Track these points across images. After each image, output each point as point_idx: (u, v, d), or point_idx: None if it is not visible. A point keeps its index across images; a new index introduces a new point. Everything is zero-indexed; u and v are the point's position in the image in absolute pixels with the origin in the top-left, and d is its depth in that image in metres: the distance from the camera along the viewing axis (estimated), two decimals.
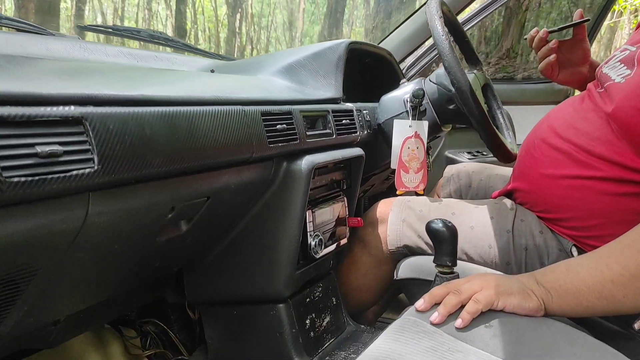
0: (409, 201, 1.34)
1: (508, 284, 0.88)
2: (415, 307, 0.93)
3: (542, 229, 1.20)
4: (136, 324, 1.30)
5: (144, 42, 1.33)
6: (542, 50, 1.34)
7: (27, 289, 0.65)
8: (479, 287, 0.87)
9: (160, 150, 0.71)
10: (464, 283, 0.90)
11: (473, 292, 0.86)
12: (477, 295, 0.86)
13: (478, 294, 0.86)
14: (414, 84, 1.43)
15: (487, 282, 0.88)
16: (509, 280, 0.89)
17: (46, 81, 0.62)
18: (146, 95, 0.71)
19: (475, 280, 0.89)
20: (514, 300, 0.86)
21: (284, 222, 1.06)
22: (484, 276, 0.91)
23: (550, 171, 1.17)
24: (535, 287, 0.88)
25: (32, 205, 0.56)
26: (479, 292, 0.86)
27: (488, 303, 0.85)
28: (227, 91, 0.92)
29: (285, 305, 1.12)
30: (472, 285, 0.88)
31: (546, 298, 0.87)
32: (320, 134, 1.14)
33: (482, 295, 0.86)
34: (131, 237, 0.77)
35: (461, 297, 0.87)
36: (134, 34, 1.29)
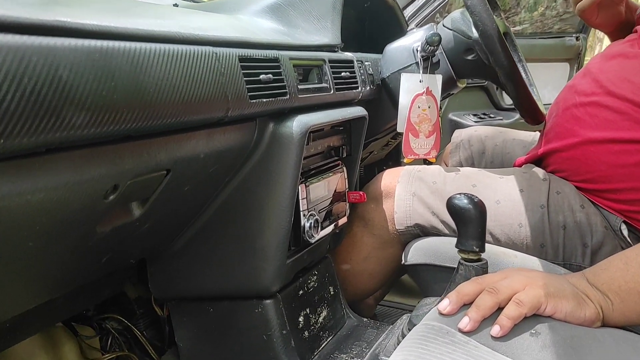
0: (420, 171, 1.12)
1: (557, 284, 0.68)
2: (438, 309, 0.73)
3: (583, 202, 1.00)
4: (94, 320, 1.08)
5: None
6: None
7: None
8: (521, 284, 0.67)
9: (85, 102, 0.47)
10: (500, 279, 0.69)
11: (514, 291, 0.66)
12: (520, 296, 0.65)
13: (521, 293, 0.66)
14: (424, 30, 1.19)
15: (531, 280, 0.67)
16: (557, 280, 0.69)
17: None
18: (62, 20, 0.47)
19: (516, 276, 0.69)
20: (566, 306, 0.66)
21: (271, 200, 0.84)
22: (525, 271, 0.71)
23: (597, 134, 0.96)
24: (590, 290, 0.68)
25: None
26: (522, 291, 0.66)
27: (534, 306, 0.65)
28: (192, 25, 0.68)
29: (273, 300, 0.91)
30: (512, 282, 0.67)
31: (605, 304, 0.67)
32: (316, 89, 0.91)
33: (526, 295, 0.65)
34: (53, 230, 0.54)
35: (499, 296, 0.66)
36: None
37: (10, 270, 0.56)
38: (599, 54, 1.10)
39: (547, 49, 2.32)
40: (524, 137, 1.41)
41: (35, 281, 0.66)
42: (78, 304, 0.92)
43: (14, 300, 0.66)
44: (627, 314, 0.67)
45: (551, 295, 0.65)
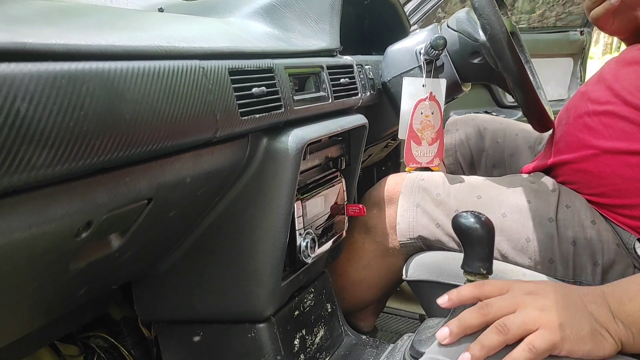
0: (423, 180, 1.06)
1: (575, 321, 0.61)
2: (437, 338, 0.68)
3: (594, 217, 0.94)
4: (78, 339, 1.02)
5: None
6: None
7: None
8: (535, 324, 0.60)
9: (48, 137, 0.41)
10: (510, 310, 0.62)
11: (526, 332, 0.60)
12: (533, 340, 0.59)
13: (535, 337, 0.59)
14: (428, 31, 1.13)
15: (546, 316, 0.61)
16: (575, 314, 0.62)
17: None
18: (20, 42, 0.41)
19: (530, 311, 0.61)
20: (583, 348, 0.60)
21: (265, 220, 0.78)
22: (540, 301, 0.63)
23: (612, 145, 0.90)
24: (612, 324, 0.62)
25: None
26: (536, 333, 0.60)
27: (547, 351, 0.59)
28: (175, 36, 0.61)
29: (267, 324, 0.85)
30: (526, 320, 0.61)
31: (625, 338, 0.62)
32: (313, 99, 0.84)
33: (541, 340, 0.59)
34: (19, 272, 0.48)
35: (507, 337, 0.60)
36: None
37: None
38: (613, 59, 1.03)
39: (551, 43, 2.26)
40: (527, 132, 1.34)
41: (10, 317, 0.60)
42: (59, 330, 0.86)
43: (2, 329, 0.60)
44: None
45: (567, 339, 0.60)
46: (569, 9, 2.33)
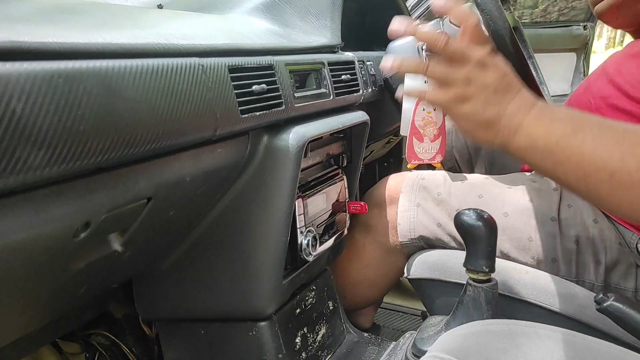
0: (423, 179, 1.06)
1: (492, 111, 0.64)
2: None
3: (596, 217, 0.94)
4: (79, 337, 1.02)
5: None
6: None
7: None
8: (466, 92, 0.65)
9: (45, 138, 0.41)
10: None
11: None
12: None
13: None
14: (430, 27, 1.12)
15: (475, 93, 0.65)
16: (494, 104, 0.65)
17: None
18: (16, 41, 0.41)
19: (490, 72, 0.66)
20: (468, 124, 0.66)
21: (266, 218, 0.78)
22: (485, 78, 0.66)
23: None
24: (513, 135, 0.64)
25: None
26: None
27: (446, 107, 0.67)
28: (175, 34, 0.61)
29: (268, 323, 0.85)
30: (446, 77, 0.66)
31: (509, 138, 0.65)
32: (314, 95, 0.84)
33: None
34: (16, 273, 0.48)
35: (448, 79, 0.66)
36: None
37: None
38: (617, 53, 1.02)
39: (554, 38, 2.24)
40: None
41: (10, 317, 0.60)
42: (60, 328, 0.86)
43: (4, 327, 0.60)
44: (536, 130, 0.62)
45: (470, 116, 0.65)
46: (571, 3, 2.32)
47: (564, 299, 0.91)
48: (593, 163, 0.58)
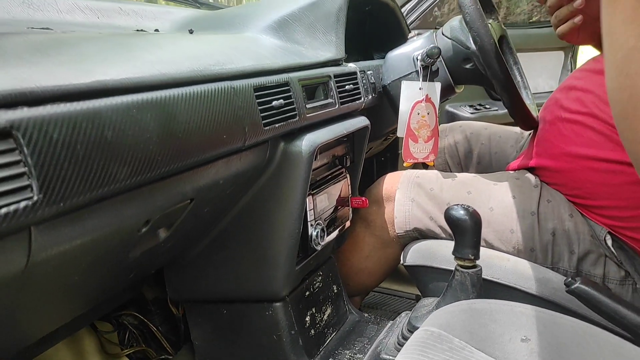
0: (418, 177, 1.18)
1: None
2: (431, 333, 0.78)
3: (572, 212, 1.06)
4: (112, 316, 1.15)
5: None
6: (561, 11, 1.09)
7: None
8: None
9: (126, 156, 0.53)
10: None
11: None
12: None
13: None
14: (424, 39, 1.24)
15: None
16: None
17: None
18: (103, 81, 0.53)
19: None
20: None
21: (281, 213, 0.90)
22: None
23: (582, 151, 1.02)
24: None
25: None
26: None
27: None
28: (210, 61, 0.72)
29: (282, 304, 0.98)
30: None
31: None
32: (322, 106, 0.96)
33: None
34: (94, 264, 0.60)
35: None
36: None
37: (56, 298, 0.62)
38: (582, 69, 1.13)
39: (542, 38, 2.36)
40: (509, 133, 1.46)
41: (74, 301, 0.72)
42: (101, 310, 0.99)
43: (56, 317, 0.72)
44: None
45: None
46: None
47: (539, 283, 1.04)
48: None
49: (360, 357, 1.03)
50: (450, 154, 1.50)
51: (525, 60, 2.34)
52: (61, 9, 0.86)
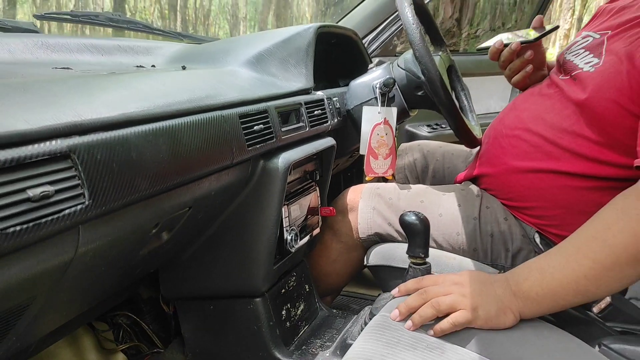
0: (378, 188, 1.36)
1: (487, 305, 0.84)
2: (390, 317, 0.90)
3: (506, 215, 1.25)
4: (107, 317, 1.28)
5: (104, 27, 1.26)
6: (514, 63, 1.32)
7: (18, 322, 0.64)
8: (459, 305, 0.84)
9: (146, 172, 0.69)
10: (443, 293, 0.86)
11: (452, 309, 0.83)
12: (456, 317, 0.83)
13: (457, 315, 0.83)
14: (382, 69, 1.43)
15: (465, 302, 0.84)
16: (487, 299, 0.85)
17: (26, 109, 0.58)
18: (127, 114, 0.69)
19: (456, 297, 0.85)
20: (490, 323, 0.84)
21: (261, 220, 1.07)
22: (462, 288, 0.86)
23: (517, 162, 1.21)
24: (513, 301, 0.86)
25: (24, 249, 0.54)
26: (458, 313, 0.83)
27: (465, 325, 0.84)
28: (203, 95, 0.89)
29: (262, 299, 1.14)
30: (452, 302, 0.84)
31: (523, 308, 0.86)
32: (294, 129, 1.13)
33: (460, 317, 0.83)
34: (117, 257, 0.75)
35: (439, 310, 0.84)
36: (93, 19, 1.22)
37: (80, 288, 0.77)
38: (525, 92, 1.34)
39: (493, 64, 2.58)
40: (459, 149, 1.66)
41: (86, 296, 0.87)
42: (102, 308, 1.13)
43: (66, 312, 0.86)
44: (540, 311, 0.87)
45: (480, 317, 0.82)
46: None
47: None
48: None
49: (329, 344, 1.19)
50: (409, 170, 1.69)
51: (479, 83, 2.58)
52: (72, 49, 1.01)
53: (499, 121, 1.34)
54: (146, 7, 11.32)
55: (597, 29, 1.21)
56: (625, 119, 1.02)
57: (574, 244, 0.87)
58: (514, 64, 1.33)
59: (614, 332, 1.05)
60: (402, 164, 1.68)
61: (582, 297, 0.85)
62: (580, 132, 1.10)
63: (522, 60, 1.31)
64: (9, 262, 0.53)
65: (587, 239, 0.86)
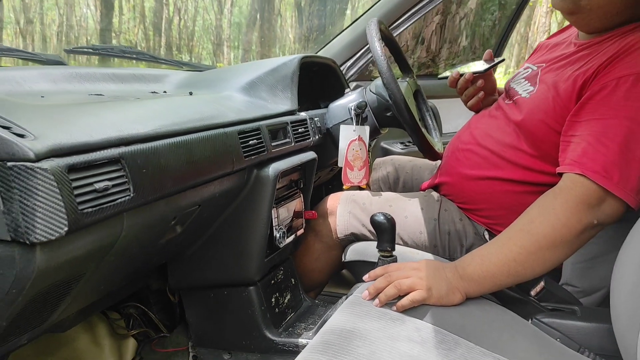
0: (354, 195, 1.58)
1: (439, 286, 1.04)
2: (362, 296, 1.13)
3: (461, 216, 1.48)
4: (119, 307, 1.48)
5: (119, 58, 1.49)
6: (469, 90, 1.57)
7: (75, 287, 0.84)
8: (416, 286, 1.03)
9: (170, 175, 0.90)
10: (403, 277, 1.05)
11: (411, 289, 1.02)
12: (414, 296, 1.02)
13: (415, 293, 1.02)
14: (357, 94, 1.66)
15: (422, 283, 1.03)
16: (439, 281, 1.05)
17: (88, 127, 0.80)
18: (156, 130, 0.90)
19: (414, 280, 1.04)
20: (442, 301, 1.04)
21: (255, 220, 1.28)
22: (420, 272, 1.05)
23: (469, 171, 1.44)
24: (459, 282, 1.06)
25: (90, 227, 0.75)
26: (416, 292, 1.02)
27: (421, 301, 1.03)
28: (210, 116, 1.11)
29: (255, 287, 1.34)
30: (411, 283, 1.03)
31: (468, 288, 1.06)
32: (282, 144, 1.35)
33: (417, 296, 1.02)
34: (145, 242, 0.96)
35: (400, 290, 1.03)
36: (109, 52, 1.44)
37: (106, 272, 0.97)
38: (478, 114, 1.58)
39: None
40: (425, 163, 1.90)
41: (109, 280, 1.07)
42: (117, 296, 1.33)
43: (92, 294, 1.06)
44: (482, 290, 1.09)
45: (433, 296, 1.02)
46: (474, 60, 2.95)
47: None
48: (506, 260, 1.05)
49: (312, 327, 1.40)
50: (383, 182, 1.92)
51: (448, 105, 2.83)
52: (98, 78, 1.23)
53: (456, 138, 1.57)
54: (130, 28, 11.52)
55: (535, 61, 1.46)
56: (551, 136, 1.26)
57: (507, 235, 1.10)
58: (468, 90, 1.58)
59: (546, 310, 1.27)
60: (376, 176, 1.91)
61: (514, 277, 1.08)
62: (518, 147, 1.34)
63: (475, 88, 1.56)
64: (81, 236, 0.74)
65: (516, 231, 1.09)
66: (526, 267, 1.07)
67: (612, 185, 1.04)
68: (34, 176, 0.64)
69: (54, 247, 0.68)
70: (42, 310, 0.81)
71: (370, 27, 1.51)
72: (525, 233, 1.07)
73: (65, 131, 0.75)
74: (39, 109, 0.80)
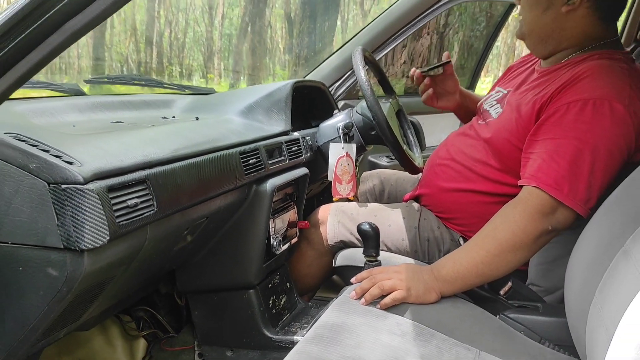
0: (343, 206, 1.75)
1: (417, 286, 1.17)
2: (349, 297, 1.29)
3: (439, 225, 1.64)
4: (130, 311, 1.63)
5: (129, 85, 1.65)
6: (420, 86, 1.74)
7: (107, 288, 1.00)
8: (397, 287, 1.16)
9: (185, 192, 1.06)
10: (386, 279, 1.19)
11: (392, 289, 1.16)
12: (395, 295, 1.15)
13: (396, 293, 1.15)
14: (344, 114, 1.83)
15: (402, 284, 1.17)
16: (417, 282, 1.18)
17: (120, 153, 0.96)
18: (173, 154, 1.07)
19: (395, 281, 1.17)
20: (420, 299, 1.17)
21: (254, 229, 1.44)
22: (400, 274, 1.19)
23: (445, 184, 1.60)
24: (435, 283, 1.19)
25: (122, 237, 0.91)
26: (397, 292, 1.15)
27: (401, 300, 1.16)
28: (215, 139, 1.27)
29: (254, 291, 1.50)
30: (392, 284, 1.16)
31: (443, 288, 1.20)
32: (278, 161, 1.51)
33: (398, 295, 1.15)
34: (163, 249, 1.12)
35: (383, 290, 1.17)
36: (121, 80, 1.60)
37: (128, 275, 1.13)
38: (454, 132, 1.75)
39: None
40: (408, 176, 2.07)
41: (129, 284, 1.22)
42: (130, 300, 1.48)
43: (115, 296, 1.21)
44: (455, 290, 1.24)
45: (411, 296, 1.15)
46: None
47: None
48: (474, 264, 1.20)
49: (306, 326, 1.56)
50: (370, 194, 2.09)
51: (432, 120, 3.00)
52: (115, 106, 1.39)
53: (434, 153, 1.74)
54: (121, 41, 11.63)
55: (504, 85, 1.64)
56: (515, 153, 1.42)
57: (475, 240, 1.26)
58: (420, 87, 1.75)
59: (512, 307, 1.42)
60: (364, 189, 2.08)
61: (482, 278, 1.24)
62: (487, 162, 1.50)
63: (425, 84, 1.73)
64: (117, 244, 0.89)
65: (482, 236, 1.26)
66: (492, 269, 1.22)
67: (562, 196, 1.21)
68: (83, 196, 0.80)
69: (98, 253, 0.83)
70: (80, 307, 0.96)
71: (356, 56, 1.68)
72: (490, 239, 1.23)
73: (101, 157, 0.91)
74: (76, 139, 0.97)
